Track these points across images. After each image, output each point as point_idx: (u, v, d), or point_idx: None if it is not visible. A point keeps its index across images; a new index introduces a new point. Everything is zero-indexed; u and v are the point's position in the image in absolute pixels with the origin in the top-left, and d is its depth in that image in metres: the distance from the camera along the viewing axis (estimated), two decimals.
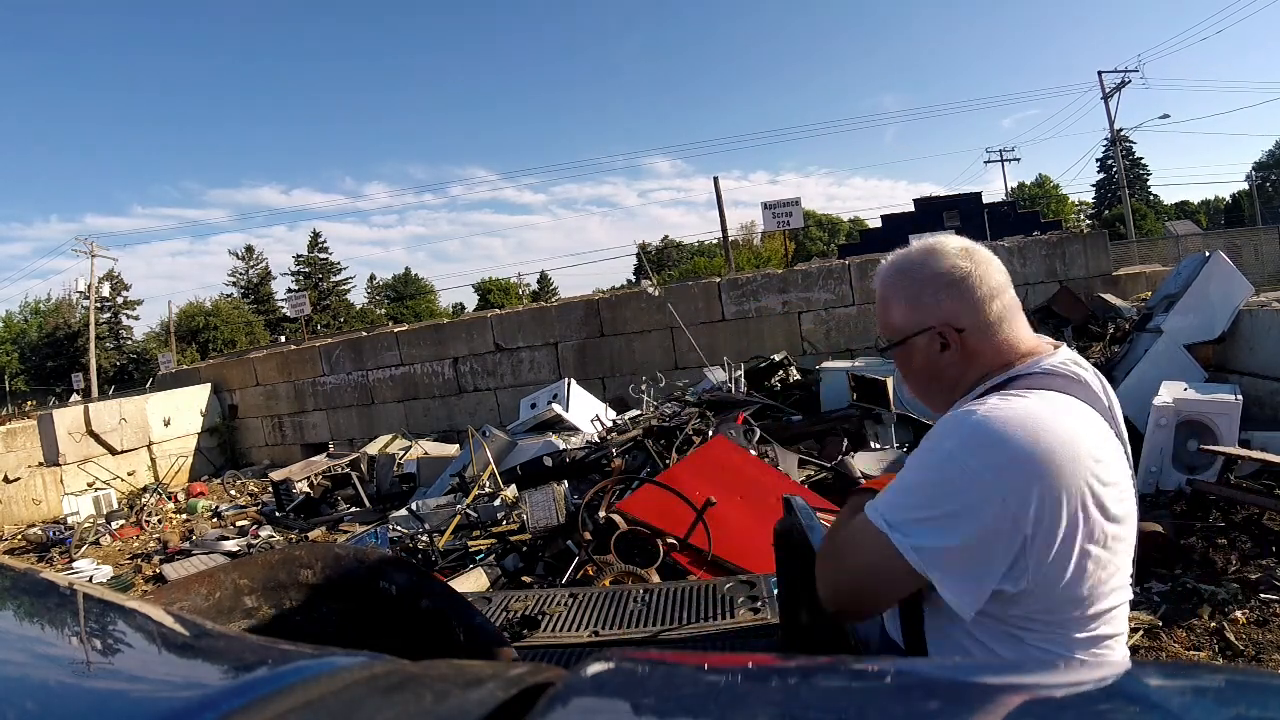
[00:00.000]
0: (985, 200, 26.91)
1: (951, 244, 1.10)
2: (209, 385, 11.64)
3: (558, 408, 6.97)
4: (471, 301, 53.82)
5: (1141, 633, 2.89)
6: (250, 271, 47.96)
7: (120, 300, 43.33)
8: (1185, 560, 3.42)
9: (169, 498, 8.46)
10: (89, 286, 32.21)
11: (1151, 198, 45.89)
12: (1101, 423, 0.99)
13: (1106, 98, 27.60)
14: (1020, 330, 1.09)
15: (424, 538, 4.48)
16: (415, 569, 1.46)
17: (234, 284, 47.45)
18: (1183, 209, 46.33)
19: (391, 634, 1.36)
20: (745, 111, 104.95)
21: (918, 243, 1.13)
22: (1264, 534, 3.50)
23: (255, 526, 6.63)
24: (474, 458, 5.93)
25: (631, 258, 54.81)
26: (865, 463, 4.90)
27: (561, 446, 5.78)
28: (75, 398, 24.37)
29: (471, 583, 3.57)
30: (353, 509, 6.80)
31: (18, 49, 72.22)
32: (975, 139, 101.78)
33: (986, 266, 1.08)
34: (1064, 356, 1.07)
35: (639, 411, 6.53)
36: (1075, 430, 0.94)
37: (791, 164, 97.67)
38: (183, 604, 1.27)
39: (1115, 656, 0.99)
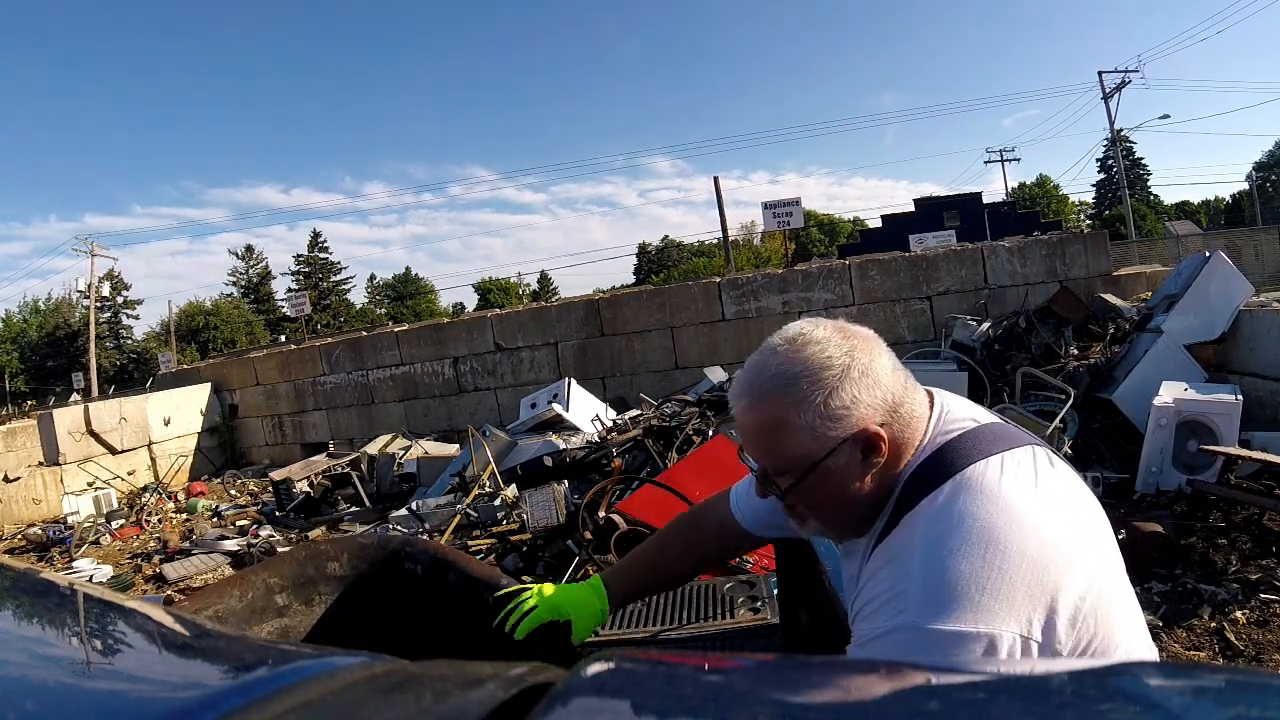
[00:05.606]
0: (985, 200, 26.90)
1: (817, 329, 0.87)
2: (209, 385, 11.64)
3: (558, 407, 6.97)
4: (471, 301, 53.91)
5: None
6: (250, 271, 48.00)
7: (120, 300, 43.37)
8: (1185, 560, 3.43)
9: (169, 497, 8.45)
10: (89, 286, 32.24)
11: (1152, 198, 45.89)
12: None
13: (1106, 98, 27.62)
14: (919, 393, 0.90)
15: (424, 537, 4.48)
16: (436, 546, 1.53)
17: (234, 284, 47.52)
18: (1183, 209, 46.31)
19: (422, 610, 1.41)
20: (745, 111, 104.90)
21: (773, 341, 0.89)
22: (1264, 534, 3.50)
23: (255, 526, 6.63)
24: (474, 457, 5.93)
25: (632, 258, 54.87)
26: None
27: (561, 446, 5.78)
28: (75, 397, 24.37)
29: None
30: (353, 509, 6.80)
31: (16, 47, 72.35)
32: (975, 139, 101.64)
33: (870, 336, 0.88)
34: (948, 407, 0.90)
35: (639, 411, 6.53)
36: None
37: (792, 164, 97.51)
38: (217, 607, 1.31)
39: None
